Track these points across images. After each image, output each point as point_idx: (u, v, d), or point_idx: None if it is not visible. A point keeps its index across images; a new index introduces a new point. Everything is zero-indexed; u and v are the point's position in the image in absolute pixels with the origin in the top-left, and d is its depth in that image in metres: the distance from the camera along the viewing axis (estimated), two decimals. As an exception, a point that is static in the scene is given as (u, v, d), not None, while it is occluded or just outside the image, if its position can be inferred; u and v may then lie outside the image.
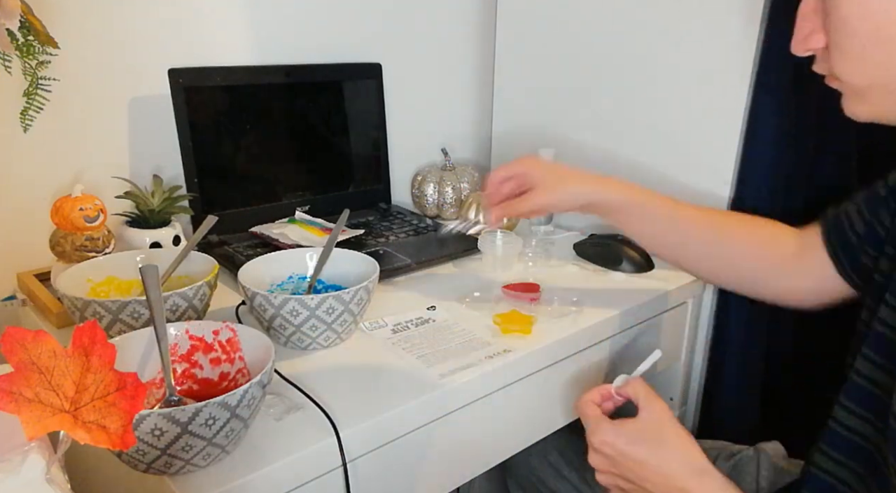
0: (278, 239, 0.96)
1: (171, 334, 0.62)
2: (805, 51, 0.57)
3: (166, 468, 0.52)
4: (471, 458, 0.75)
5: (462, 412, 0.70)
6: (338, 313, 0.70)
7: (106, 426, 0.43)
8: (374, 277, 0.74)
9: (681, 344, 1.03)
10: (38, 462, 0.43)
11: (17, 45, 0.81)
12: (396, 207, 1.21)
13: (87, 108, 0.94)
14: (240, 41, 1.06)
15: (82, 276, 0.75)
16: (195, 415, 0.50)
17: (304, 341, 0.71)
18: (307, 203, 1.10)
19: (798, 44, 0.57)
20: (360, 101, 1.16)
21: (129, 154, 0.99)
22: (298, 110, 1.10)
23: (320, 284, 0.81)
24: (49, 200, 0.84)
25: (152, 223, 0.90)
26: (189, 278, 0.77)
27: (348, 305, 0.70)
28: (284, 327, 0.70)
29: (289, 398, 0.64)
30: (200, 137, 0.99)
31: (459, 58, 1.35)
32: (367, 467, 0.63)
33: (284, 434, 0.59)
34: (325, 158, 1.15)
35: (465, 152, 1.40)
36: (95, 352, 0.44)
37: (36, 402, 0.42)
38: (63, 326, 0.78)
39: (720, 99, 0.96)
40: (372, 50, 1.19)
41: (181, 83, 0.95)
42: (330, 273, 0.81)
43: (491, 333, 0.79)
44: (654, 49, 1.02)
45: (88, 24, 0.91)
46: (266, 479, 0.55)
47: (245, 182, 1.06)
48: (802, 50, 0.57)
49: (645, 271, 0.98)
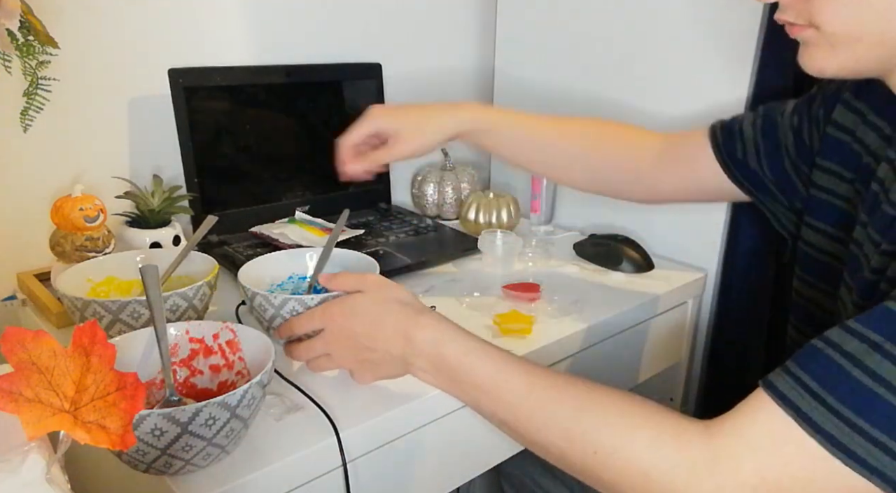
0: (278, 239, 0.96)
1: (172, 335, 0.62)
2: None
3: (166, 468, 0.52)
4: (471, 458, 0.75)
5: (462, 412, 0.70)
6: None
7: (106, 426, 0.43)
8: None
9: (681, 344, 1.04)
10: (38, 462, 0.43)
11: (17, 45, 0.81)
12: (396, 207, 1.21)
13: (87, 108, 0.94)
14: (240, 41, 1.06)
15: (82, 276, 0.75)
16: (195, 415, 0.50)
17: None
18: (307, 203, 1.10)
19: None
20: (360, 101, 1.16)
21: (129, 154, 0.99)
22: (298, 110, 1.10)
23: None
24: (49, 200, 0.84)
25: (152, 223, 0.90)
26: (189, 277, 0.77)
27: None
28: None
29: (289, 398, 0.64)
30: (200, 137, 0.98)
31: (459, 58, 1.35)
32: (367, 467, 0.63)
33: (284, 434, 0.59)
34: (325, 158, 1.14)
35: (465, 152, 1.40)
36: (95, 352, 0.44)
37: (36, 402, 0.42)
38: (63, 326, 0.78)
39: (721, 93, 0.96)
40: (372, 50, 1.19)
41: (181, 83, 0.95)
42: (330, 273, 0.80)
43: (491, 333, 0.79)
44: (655, 48, 1.02)
45: (88, 24, 0.91)
46: (266, 479, 0.55)
47: (245, 182, 1.06)
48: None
49: (645, 271, 0.98)
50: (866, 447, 0.42)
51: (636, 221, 1.09)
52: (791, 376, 0.46)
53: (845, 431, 0.43)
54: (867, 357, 0.43)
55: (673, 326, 1.00)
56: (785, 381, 0.46)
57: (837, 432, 0.43)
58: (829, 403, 0.43)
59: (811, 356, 0.46)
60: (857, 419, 0.42)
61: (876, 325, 0.44)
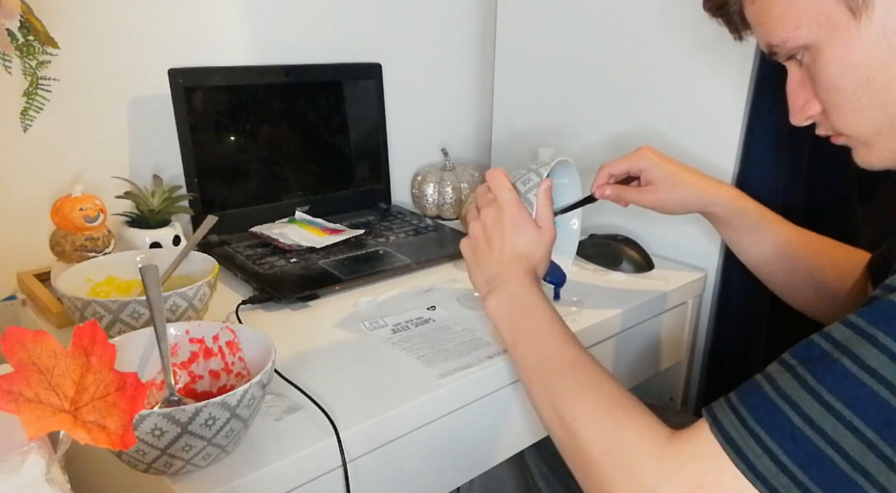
0: (278, 239, 0.96)
1: (171, 335, 0.62)
2: (805, 120, 0.59)
3: (166, 468, 0.52)
4: (471, 458, 0.75)
5: (462, 412, 0.70)
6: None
7: (106, 426, 0.43)
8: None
9: (681, 344, 1.04)
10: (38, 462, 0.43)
11: (17, 45, 0.81)
12: (396, 207, 1.21)
13: (87, 108, 0.94)
14: (240, 41, 1.06)
15: (82, 276, 0.75)
16: (195, 415, 0.50)
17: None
18: (307, 203, 1.10)
19: (796, 115, 0.59)
20: (360, 101, 1.16)
21: (129, 154, 0.99)
22: (298, 110, 1.10)
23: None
24: (49, 200, 0.84)
25: (152, 223, 0.90)
26: (189, 277, 0.77)
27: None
28: None
29: (289, 398, 0.64)
30: (200, 137, 0.99)
31: (459, 58, 1.35)
32: (367, 467, 0.63)
33: (284, 434, 0.59)
34: (324, 159, 1.15)
35: (465, 152, 1.40)
36: (95, 352, 0.44)
37: (36, 402, 0.42)
38: (63, 326, 0.78)
39: (720, 100, 0.96)
40: (372, 50, 1.19)
41: (181, 83, 0.95)
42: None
43: (491, 333, 0.79)
44: (655, 49, 1.02)
45: (88, 24, 0.91)
46: (266, 479, 0.55)
47: (245, 182, 1.06)
48: (802, 119, 0.59)
49: (645, 271, 0.98)
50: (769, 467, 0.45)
51: (636, 221, 1.09)
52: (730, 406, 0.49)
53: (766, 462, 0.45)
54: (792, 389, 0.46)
55: (673, 326, 1.00)
56: (723, 410, 0.49)
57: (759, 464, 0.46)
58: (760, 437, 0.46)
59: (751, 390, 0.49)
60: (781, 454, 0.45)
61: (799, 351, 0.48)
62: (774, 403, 0.46)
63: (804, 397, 0.45)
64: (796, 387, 0.45)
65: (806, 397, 0.45)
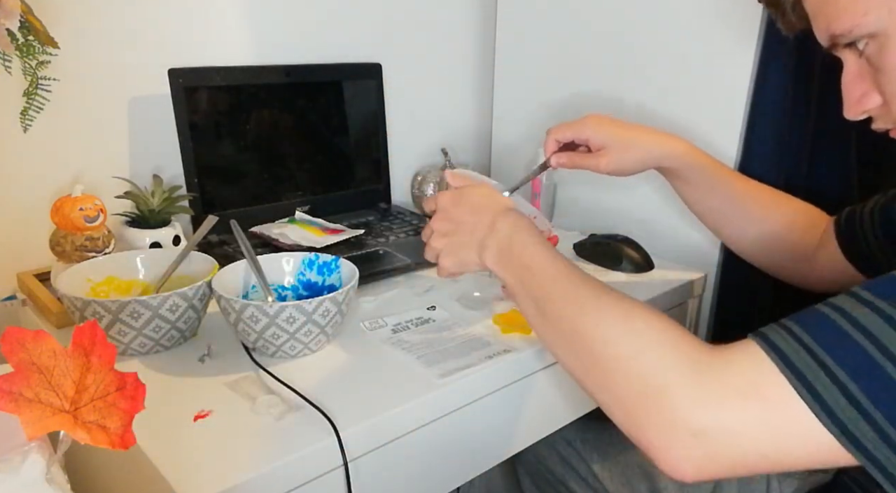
0: (278, 239, 0.96)
1: None
2: (861, 113, 0.57)
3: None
4: (471, 458, 0.75)
5: (462, 412, 0.70)
6: (300, 323, 0.69)
7: (106, 426, 0.43)
8: (352, 285, 0.73)
9: (681, 344, 1.03)
10: (38, 462, 0.43)
11: (17, 45, 0.81)
12: (396, 207, 1.21)
13: (87, 108, 0.94)
14: (240, 41, 1.06)
15: (82, 276, 0.75)
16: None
17: (269, 349, 0.71)
18: (307, 203, 1.10)
19: (852, 108, 0.56)
20: (360, 101, 1.16)
21: (129, 154, 0.99)
22: (298, 110, 1.10)
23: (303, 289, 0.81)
24: (49, 200, 0.84)
25: (152, 223, 0.90)
26: (189, 277, 0.77)
27: (311, 315, 0.69)
28: (278, 335, 0.70)
29: (289, 398, 0.64)
30: (200, 137, 0.98)
31: (459, 58, 1.35)
32: (367, 466, 0.63)
33: (285, 434, 0.59)
34: (324, 159, 1.15)
35: (465, 152, 1.40)
36: (95, 352, 0.44)
37: (36, 402, 0.42)
38: (63, 326, 0.78)
39: (723, 91, 0.96)
40: (372, 50, 1.19)
41: (181, 83, 0.95)
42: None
43: (491, 333, 0.79)
44: (655, 47, 1.02)
45: (88, 24, 0.91)
46: (266, 479, 0.55)
47: (245, 182, 1.06)
48: (858, 113, 0.57)
49: (645, 271, 0.98)
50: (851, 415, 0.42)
51: (636, 221, 1.09)
52: (787, 330, 0.47)
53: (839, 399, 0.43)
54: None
55: (673, 326, 0.99)
56: (779, 334, 0.48)
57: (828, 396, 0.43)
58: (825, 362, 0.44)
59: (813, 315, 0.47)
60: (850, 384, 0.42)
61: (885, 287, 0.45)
62: (849, 334, 0.43)
63: (886, 331, 0.42)
64: (877, 320, 0.43)
65: (888, 331, 0.42)
